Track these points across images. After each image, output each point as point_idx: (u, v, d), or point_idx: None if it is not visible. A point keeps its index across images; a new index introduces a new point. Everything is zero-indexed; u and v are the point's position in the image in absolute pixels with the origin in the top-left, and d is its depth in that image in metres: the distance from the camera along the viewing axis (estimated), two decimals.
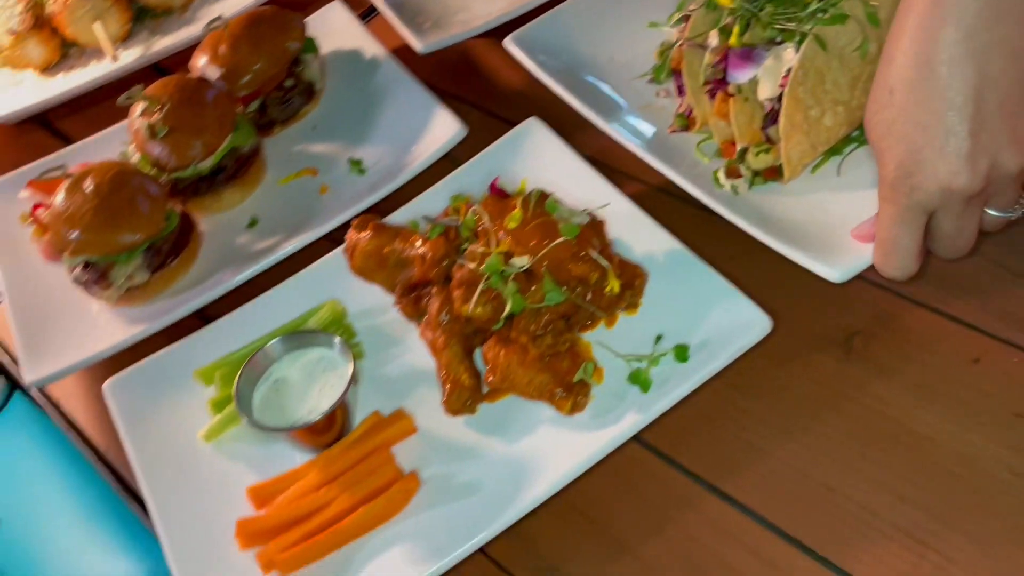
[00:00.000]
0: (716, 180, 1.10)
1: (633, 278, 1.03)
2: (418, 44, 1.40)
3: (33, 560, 1.27)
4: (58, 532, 1.31)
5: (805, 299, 1.01)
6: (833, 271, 0.94)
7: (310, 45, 1.42)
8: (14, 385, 1.48)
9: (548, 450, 0.95)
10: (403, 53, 1.43)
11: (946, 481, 0.87)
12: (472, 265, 0.99)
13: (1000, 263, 1.00)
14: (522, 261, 0.97)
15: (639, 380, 0.96)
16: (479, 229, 1.03)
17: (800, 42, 1.02)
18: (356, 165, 1.32)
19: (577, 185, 1.13)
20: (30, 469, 1.39)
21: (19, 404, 1.48)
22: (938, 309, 0.99)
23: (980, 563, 0.81)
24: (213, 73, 1.33)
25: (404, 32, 1.43)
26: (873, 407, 0.94)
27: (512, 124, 1.23)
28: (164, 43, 1.65)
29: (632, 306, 1.03)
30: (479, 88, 1.41)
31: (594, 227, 1.02)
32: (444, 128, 1.28)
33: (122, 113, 1.36)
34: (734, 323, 0.96)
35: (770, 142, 1.06)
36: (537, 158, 1.19)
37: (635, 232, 1.08)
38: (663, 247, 1.06)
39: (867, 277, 1.02)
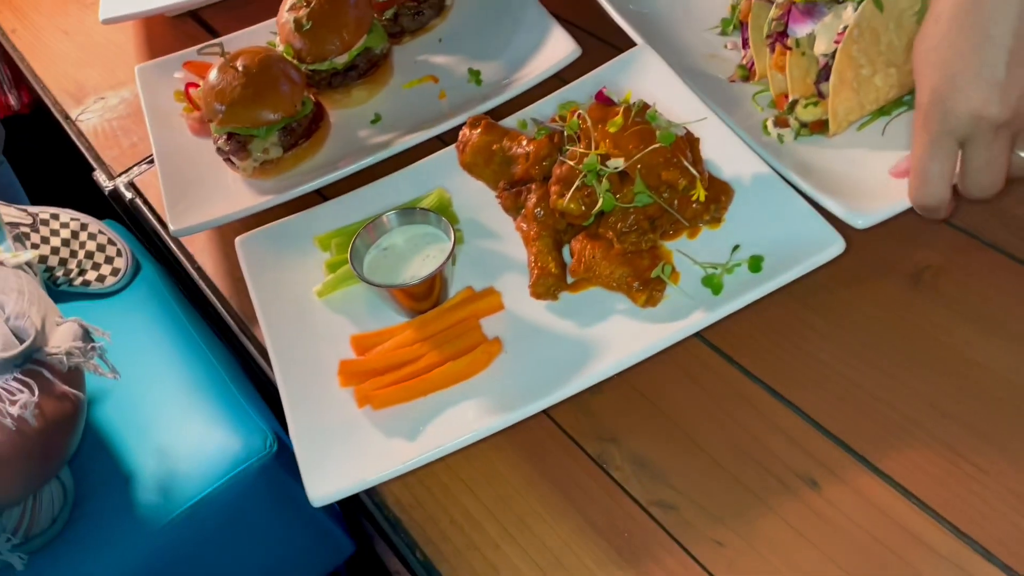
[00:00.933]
0: (765, 128, 1.17)
1: (720, 194, 1.10)
2: None
3: (139, 423, 1.44)
4: (165, 400, 1.47)
5: (883, 230, 1.06)
6: (858, 219, 1.01)
7: None
8: (138, 266, 1.67)
9: (618, 336, 1.04)
10: None
11: (989, 403, 0.92)
12: (571, 163, 1.09)
13: None
14: (617, 163, 1.06)
15: (712, 283, 1.04)
16: (581, 132, 1.12)
17: (860, 2, 1.06)
18: (475, 76, 1.42)
19: (679, 106, 1.21)
20: (147, 341, 1.56)
21: (141, 283, 1.67)
22: (1007, 251, 1.03)
23: (1009, 474, 0.87)
24: None
25: None
26: (932, 334, 0.99)
27: (623, 52, 1.32)
28: None
29: (716, 220, 1.11)
30: (596, 17, 1.48)
31: (689, 141, 1.10)
32: (560, 48, 1.37)
33: (270, 12, 1.50)
34: (810, 242, 1.03)
35: (821, 96, 1.12)
36: (644, 80, 1.27)
37: (727, 154, 1.15)
38: (752, 169, 1.12)
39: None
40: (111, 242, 1.65)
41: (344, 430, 1.04)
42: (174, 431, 1.41)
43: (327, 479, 0.99)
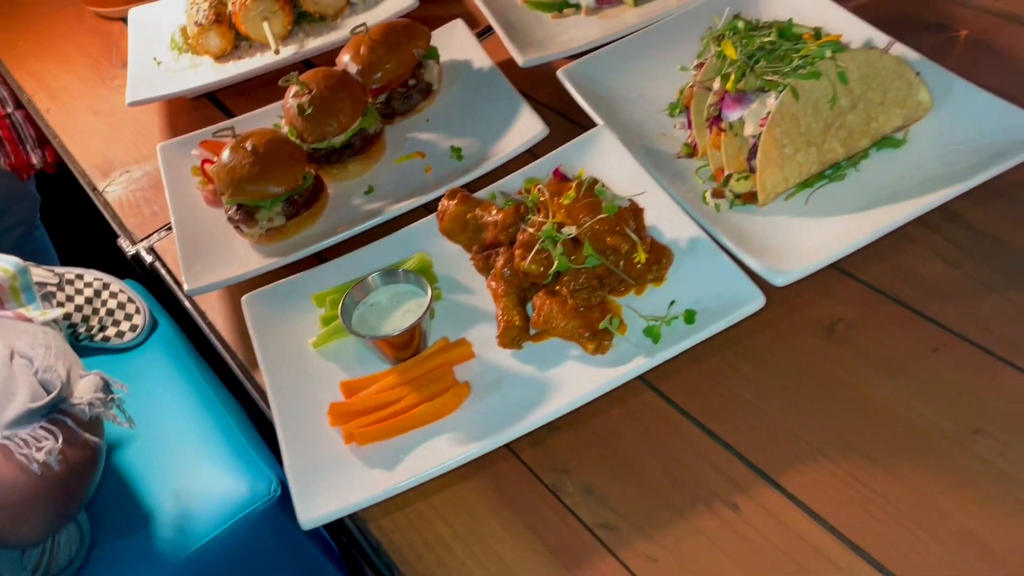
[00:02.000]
0: (704, 199, 1.34)
1: (661, 256, 1.26)
2: (520, 59, 1.68)
3: (153, 469, 1.58)
4: (178, 448, 1.62)
5: (802, 286, 1.22)
6: (778, 277, 1.18)
7: (433, 52, 1.73)
8: (155, 323, 1.83)
9: (572, 380, 1.20)
10: (508, 66, 1.72)
11: (887, 437, 1.07)
12: (531, 230, 1.26)
13: (970, 274, 1.19)
14: (570, 230, 1.23)
15: (652, 334, 1.20)
16: (540, 203, 1.29)
17: (781, 91, 1.24)
18: (456, 152, 1.61)
19: (630, 180, 1.38)
20: (162, 392, 1.72)
21: (158, 339, 1.84)
22: (909, 304, 1.18)
23: (902, 497, 1.01)
24: (353, 68, 1.65)
25: (510, 48, 1.71)
26: (842, 377, 1.14)
27: (586, 129, 1.50)
28: (316, 43, 1.99)
29: (658, 279, 1.27)
30: (565, 99, 1.67)
31: (633, 211, 1.27)
32: (530, 127, 1.56)
33: (277, 95, 1.70)
34: (736, 298, 1.18)
35: (752, 172, 1.30)
36: (601, 156, 1.44)
37: (671, 221, 1.32)
38: (690, 235, 1.29)
39: (855, 275, 1.23)
40: (131, 300, 1.82)
41: (332, 463, 1.19)
42: (186, 476, 1.55)
43: (316, 505, 1.14)
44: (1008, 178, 1.24)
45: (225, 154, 1.50)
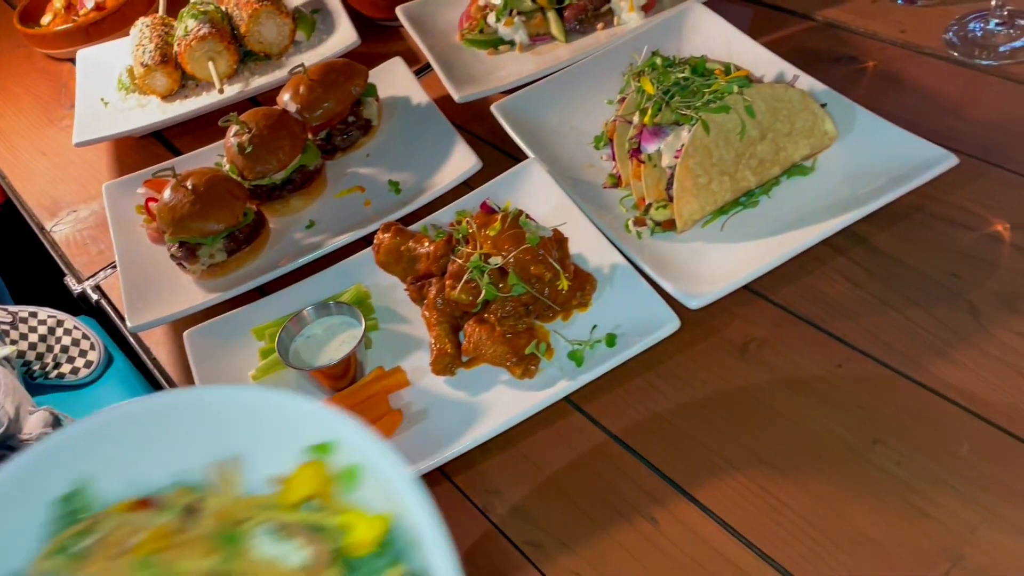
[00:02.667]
0: (627, 227, 1.40)
1: (584, 283, 1.33)
2: (456, 94, 1.75)
3: None
4: None
5: (718, 308, 1.29)
6: (692, 300, 1.25)
7: (371, 90, 1.79)
8: (110, 358, 1.86)
9: (502, 403, 1.25)
10: (446, 101, 1.78)
11: (796, 451, 1.13)
12: (460, 261, 1.31)
13: (873, 294, 1.26)
14: (496, 260, 1.29)
15: (575, 357, 1.26)
16: (469, 235, 1.34)
17: (694, 124, 1.32)
18: (395, 186, 1.66)
19: (558, 210, 1.45)
20: None
21: (113, 375, 1.86)
22: (815, 323, 1.25)
23: (807, 506, 1.07)
24: (292, 107, 1.70)
25: (447, 84, 1.78)
26: (754, 394, 1.21)
27: (520, 161, 1.56)
28: (261, 81, 2.04)
29: (583, 305, 1.33)
30: (500, 132, 1.74)
31: (557, 240, 1.33)
32: (465, 161, 1.62)
33: (221, 133, 1.75)
34: (654, 321, 1.25)
35: (670, 200, 1.36)
36: (531, 187, 1.51)
37: (595, 249, 1.38)
38: (613, 262, 1.36)
39: (767, 296, 1.30)
40: (85, 337, 1.84)
41: None
42: None
43: None
44: (907, 201, 1.32)
45: (166, 193, 1.54)
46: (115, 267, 1.72)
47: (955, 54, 1.58)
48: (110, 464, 0.79)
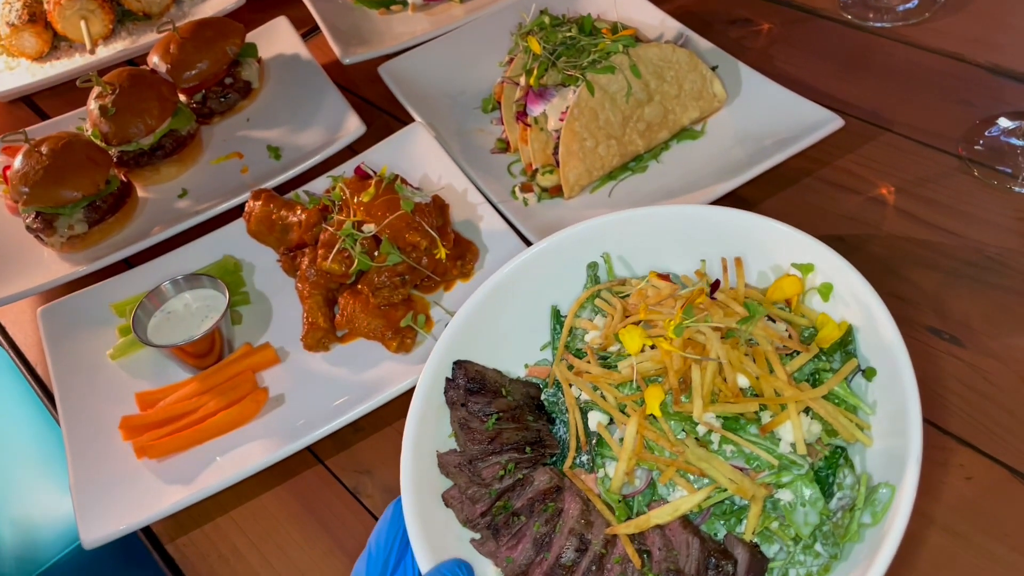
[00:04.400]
0: (513, 193, 1.34)
1: (466, 251, 1.26)
2: (343, 56, 1.65)
3: None
4: (16, 472, 1.53)
5: None
6: None
7: (249, 50, 1.68)
8: None
9: (377, 379, 1.18)
10: (335, 65, 1.69)
11: None
12: (332, 229, 1.23)
13: None
14: (369, 228, 1.21)
15: None
16: (343, 202, 1.27)
17: (579, 86, 1.26)
18: (275, 152, 1.57)
19: (442, 176, 1.38)
20: (1, 414, 1.62)
21: None
22: None
23: None
24: (162, 67, 1.59)
25: (333, 45, 1.68)
26: None
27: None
28: (140, 42, 1.92)
29: (464, 275, 1.27)
30: (391, 96, 1.66)
31: (438, 207, 1.26)
32: (349, 126, 1.53)
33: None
34: None
35: (558, 165, 1.31)
36: (416, 153, 1.43)
37: (479, 216, 1.32)
38: (498, 228, 1.29)
39: None
40: None
41: (122, 479, 1.14)
42: (25, 501, 1.46)
43: (101, 523, 1.08)
44: (795, 165, 1.29)
45: (18, 160, 1.42)
46: None
47: (849, 17, 1.55)
48: (632, 248, 1.05)
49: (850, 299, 0.90)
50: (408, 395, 1.14)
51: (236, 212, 1.46)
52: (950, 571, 0.89)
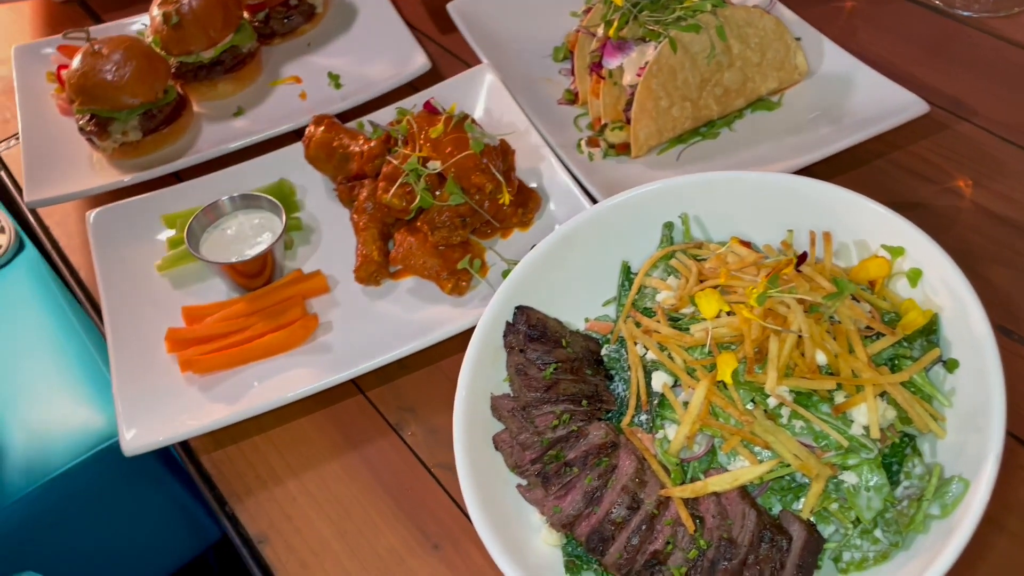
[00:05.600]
0: (579, 147, 1.31)
1: (528, 200, 1.24)
2: None
3: (4, 397, 1.47)
4: (34, 377, 1.52)
5: None
6: None
7: None
8: (21, 244, 1.71)
9: (428, 319, 1.17)
10: None
11: None
12: (396, 163, 1.21)
13: None
14: (435, 164, 1.19)
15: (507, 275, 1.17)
16: (409, 136, 1.24)
17: (661, 42, 1.23)
18: (335, 79, 1.54)
19: (506, 122, 1.35)
20: (22, 318, 1.61)
21: (23, 262, 1.71)
22: None
23: None
24: None
25: None
26: None
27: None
28: None
29: (524, 224, 1.25)
30: (456, 34, 1.61)
31: (504, 151, 1.24)
32: (413, 61, 1.50)
33: (146, 5, 1.59)
34: None
35: (628, 122, 1.28)
36: (481, 95, 1.40)
37: (544, 167, 1.29)
38: (560, 180, 1.27)
39: None
40: None
41: (165, 391, 1.13)
42: (40, 407, 1.45)
43: (142, 432, 1.08)
44: (869, 147, 1.26)
45: (77, 59, 1.39)
46: (19, 138, 1.57)
47: (938, 2, 1.51)
48: (711, 212, 1.03)
49: (940, 287, 0.88)
50: (458, 338, 1.13)
51: (291, 137, 1.44)
52: None
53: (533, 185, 1.27)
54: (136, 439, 1.07)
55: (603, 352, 1.01)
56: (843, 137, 1.23)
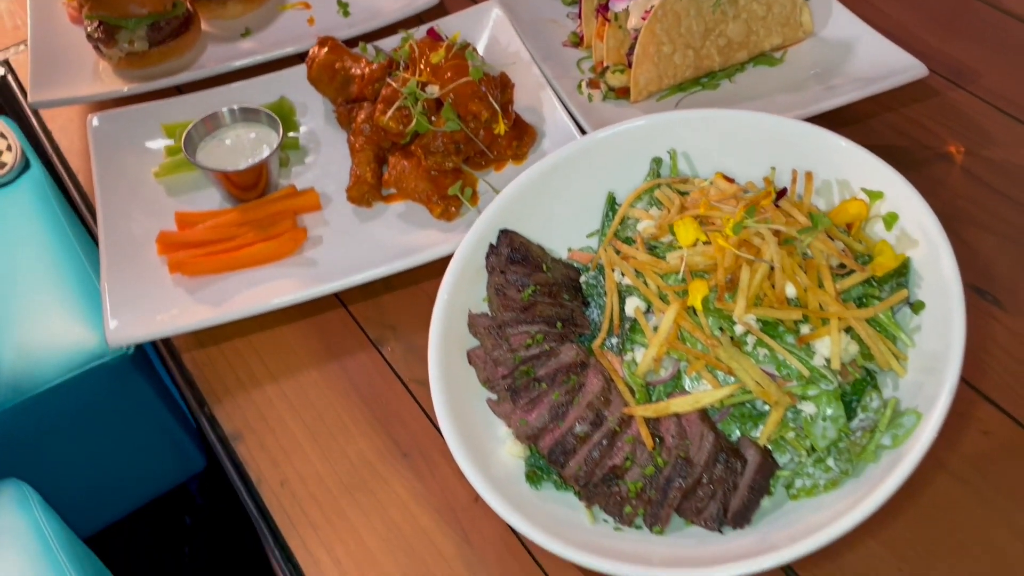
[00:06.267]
0: (579, 87, 1.32)
1: (524, 133, 1.25)
2: None
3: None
4: (29, 293, 1.53)
5: None
6: None
7: None
8: (27, 163, 1.72)
9: (416, 241, 1.19)
10: None
11: None
12: (395, 85, 1.22)
13: None
14: (433, 90, 1.20)
15: None
16: (410, 60, 1.25)
17: None
18: (343, 7, 1.54)
19: (509, 58, 1.36)
20: (22, 235, 1.62)
21: (27, 180, 1.72)
22: None
23: None
24: None
25: None
26: None
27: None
28: None
29: (518, 157, 1.26)
30: None
31: (503, 83, 1.25)
32: None
33: None
34: None
35: (630, 66, 1.28)
36: (487, 31, 1.41)
37: (539, 103, 1.30)
38: (557, 119, 1.28)
39: None
40: (3, 135, 1.70)
41: (153, 289, 1.15)
42: (34, 325, 1.46)
43: (125, 325, 1.10)
44: (864, 107, 1.27)
45: None
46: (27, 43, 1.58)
47: None
48: (699, 149, 1.05)
49: (915, 232, 0.90)
50: (443, 262, 1.14)
51: (295, 60, 1.45)
52: (950, 512, 0.90)
53: (532, 121, 1.28)
54: (120, 330, 1.09)
55: (582, 279, 1.03)
56: (841, 95, 1.24)
